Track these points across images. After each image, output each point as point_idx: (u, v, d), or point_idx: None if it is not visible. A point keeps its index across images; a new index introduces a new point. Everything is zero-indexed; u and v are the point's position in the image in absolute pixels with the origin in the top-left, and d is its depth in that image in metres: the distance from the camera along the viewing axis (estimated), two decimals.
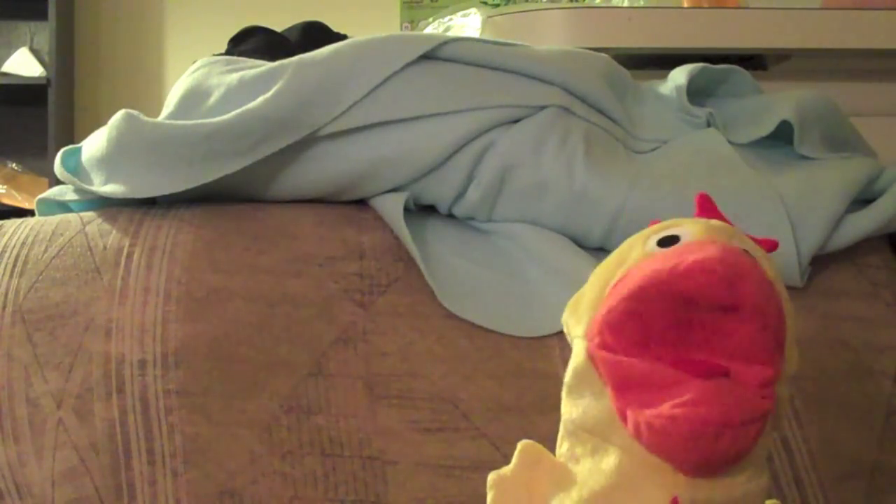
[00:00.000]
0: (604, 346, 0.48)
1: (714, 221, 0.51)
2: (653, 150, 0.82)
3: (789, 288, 0.75)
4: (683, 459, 0.45)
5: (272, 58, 0.80)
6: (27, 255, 0.74)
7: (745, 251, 0.48)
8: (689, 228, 0.50)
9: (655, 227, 0.52)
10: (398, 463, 0.67)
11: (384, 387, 0.69)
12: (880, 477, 0.71)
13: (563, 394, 0.52)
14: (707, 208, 0.54)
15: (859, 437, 0.72)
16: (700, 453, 0.44)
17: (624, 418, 0.46)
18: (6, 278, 0.73)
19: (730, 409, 0.44)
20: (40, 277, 0.72)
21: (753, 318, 0.45)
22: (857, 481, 0.71)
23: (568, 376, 0.51)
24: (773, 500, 0.53)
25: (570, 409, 0.51)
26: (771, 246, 0.54)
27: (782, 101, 0.83)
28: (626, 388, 0.46)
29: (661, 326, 0.46)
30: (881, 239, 0.81)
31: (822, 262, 0.77)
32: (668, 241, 0.50)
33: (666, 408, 0.44)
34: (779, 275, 0.51)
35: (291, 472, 0.66)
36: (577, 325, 0.52)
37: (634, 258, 0.50)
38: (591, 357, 0.49)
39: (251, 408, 0.67)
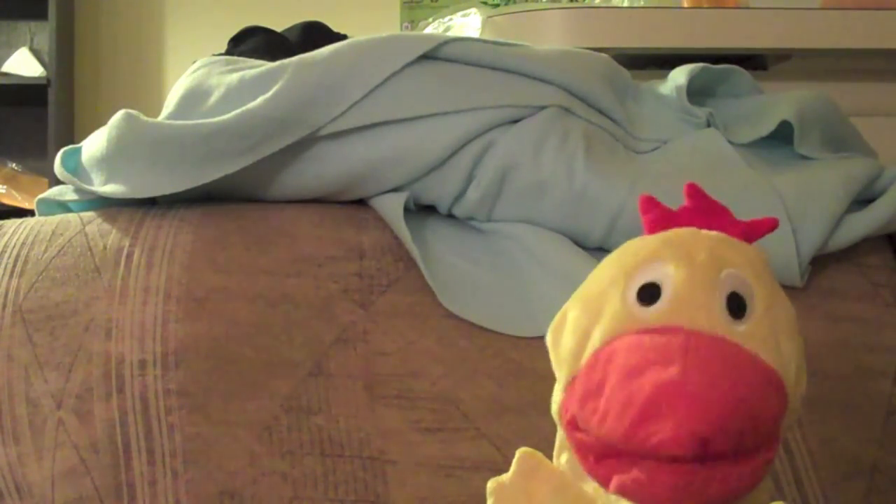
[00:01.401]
0: (575, 428, 0.47)
1: (700, 257, 0.48)
2: (653, 150, 0.82)
3: (789, 288, 0.75)
4: None
5: (272, 58, 0.80)
6: (27, 255, 0.74)
7: (721, 348, 0.45)
8: (672, 273, 0.47)
9: (638, 256, 0.50)
10: (398, 463, 0.67)
11: (384, 387, 0.69)
12: (880, 477, 0.71)
13: (554, 417, 0.52)
14: (697, 198, 0.52)
15: (859, 437, 0.72)
16: (690, 500, 0.44)
17: (606, 484, 0.46)
18: (6, 278, 0.73)
19: (708, 478, 0.44)
20: (40, 277, 0.72)
21: (736, 449, 0.44)
22: (857, 481, 0.71)
23: (553, 408, 0.51)
24: (779, 503, 0.52)
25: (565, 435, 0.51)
26: (769, 225, 0.52)
27: (782, 101, 0.83)
28: (604, 461, 0.46)
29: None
30: (881, 239, 0.80)
31: (822, 262, 0.77)
32: (649, 295, 0.48)
33: (650, 461, 0.44)
34: (775, 285, 0.50)
35: (291, 472, 0.66)
36: (557, 367, 0.51)
37: (612, 312, 0.48)
38: (564, 430, 0.49)
39: (251, 408, 0.67)
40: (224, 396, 0.67)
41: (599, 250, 0.77)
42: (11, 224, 0.78)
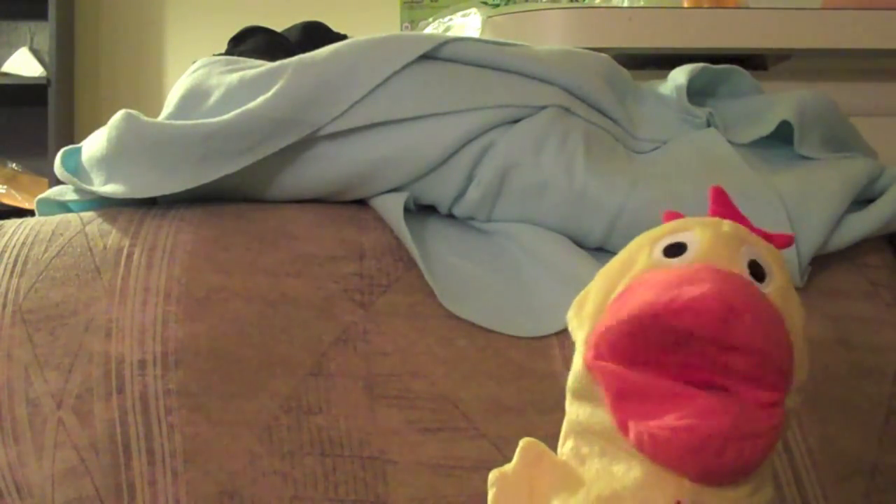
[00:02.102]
0: (601, 358, 0.47)
1: (724, 226, 0.50)
2: (653, 150, 0.82)
3: None
4: (688, 468, 0.44)
5: (272, 58, 0.80)
6: (27, 255, 0.74)
7: (745, 281, 0.47)
8: (698, 236, 0.49)
9: (664, 228, 0.51)
10: (398, 463, 0.67)
11: (384, 387, 0.69)
12: (880, 477, 0.71)
13: (568, 395, 0.52)
14: (721, 203, 0.53)
15: (859, 437, 0.72)
16: (704, 465, 0.44)
17: (624, 429, 0.46)
18: (6, 278, 0.73)
19: (737, 421, 0.43)
20: (40, 277, 0.72)
21: (752, 355, 0.44)
22: (857, 481, 0.71)
23: (570, 380, 0.51)
24: None
25: (576, 410, 0.51)
26: (785, 241, 0.53)
27: (782, 101, 0.83)
28: (625, 399, 0.46)
29: (658, 351, 0.46)
30: (881, 239, 0.81)
31: (822, 262, 0.77)
32: (674, 250, 0.49)
33: (670, 419, 0.44)
34: (789, 277, 0.50)
35: (291, 472, 0.66)
36: (580, 328, 0.52)
37: (640, 266, 0.50)
38: (589, 367, 0.49)
39: (251, 408, 0.67)
40: (224, 396, 0.67)
41: (599, 250, 0.77)
42: (11, 224, 0.78)
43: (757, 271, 0.48)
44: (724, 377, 0.45)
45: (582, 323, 0.51)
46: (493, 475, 0.51)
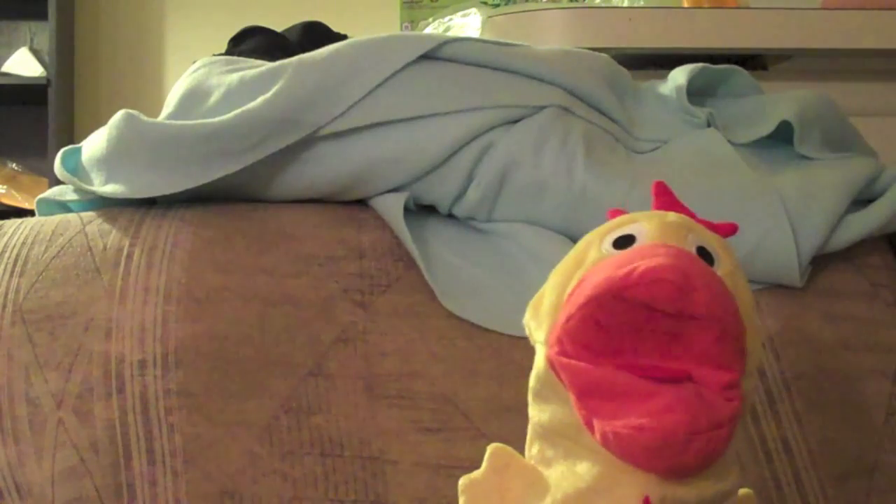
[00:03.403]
0: (564, 353, 0.47)
1: (670, 216, 0.50)
2: (653, 150, 0.82)
3: (789, 288, 0.75)
4: (654, 466, 0.45)
5: (272, 58, 0.80)
6: (27, 255, 0.74)
7: (697, 257, 0.47)
8: (645, 226, 0.50)
9: (612, 223, 0.52)
10: (398, 463, 0.67)
11: (384, 387, 0.69)
12: (880, 477, 0.71)
13: (529, 398, 0.52)
14: (664, 196, 0.53)
15: (859, 437, 0.72)
16: (670, 461, 0.44)
17: (590, 426, 0.46)
18: (6, 278, 0.73)
19: (697, 415, 0.44)
20: (40, 277, 0.72)
21: (710, 325, 0.45)
22: (857, 481, 0.71)
23: (532, 381, 0.51)
24: (746, 490, 0.53)
25: (538, 413, 0.51)
26: (729, 230, 0.53)
27: (782, 101, 0.83)
28: (589, 397, 0.46)
29: (619, 333, 0.46)
30: (881, 239, 0.80)
31: (822, 262, 0.77)
32: (623, 242, 0.49)
33: (633, 417, 0.44)
34: (737, 264, 0.51)
35: (291, 472, 0.66)
36: (538, 329, 0.52)
37: (591, 260, 0.50)
38: (551, 365, 0.49)
39: (251, 408, 0.67)
40: (224, 396, 0.67)
41: None
42: (11, 224, 0.78)
43: (705, 256, 0.49)
44: (684, 360, 0.45)
45: (540, 323, 0.52)
46: (462, 482, 0.51)
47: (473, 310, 0.73)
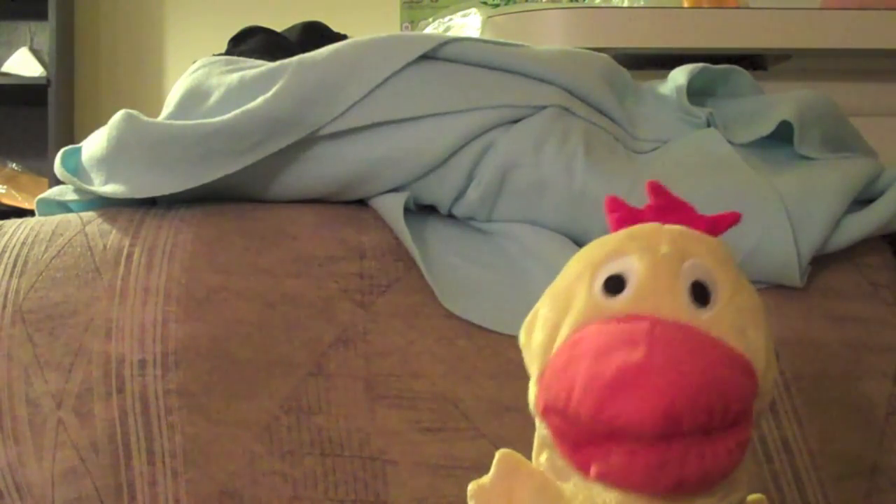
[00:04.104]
0: (550, 415, 0.48)
1: (663, 248, 0.49)
2: (653, 150, 0.82)
3: (789, 288, 0.75)
4: (655, 488, 0.45)
5: (272, 58, 0.80)
6: (27, 255, 0.74)
7: (688, 336, 0.46)
8: (636, 265, 0.48)
9: (604, 250, 0.50)
10: (398, 463, 0.67)
11: (384, 387, 0.69)
12: (880, 477, 0.71)
13: (532, 411, 0.52)
14: (661, 198, 0.53)
15: (859, 437, 0.72)
16: (669, 480, 0.44)
17: (586, 472, 0.46)
18: (6, 278, 0.73)
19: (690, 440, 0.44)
20: (40, 277, 0.72)
21: (701, 431, 0.44)
22: (857, 481, 0.71)
23: (531, 401, 0.51)
24: (758, 495, 0.53)
25: (542, 427, 0.51)
26: (730, 220, 0.53)
27: (782, 101, 0.83)
28: (580, 449, 0.47)
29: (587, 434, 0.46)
30: (881, 239, 0.80)
31: (822, 262, 0.77)
32: (613, 284, 0.48)
33: (624, 443, 0.44)
34: (737, 275, 0.50)
35: (291, 472, 0.66)
36: (531, 362, 0.52)
37: (580, 305, 0.49)
38: (538, 412, 0.49)
39: (251, 408, 0.67)
40: (224, 396, 0.67)
41: None
42: (11, 224, 0.78)
43: (700, 291, 0.47)
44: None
45: (532, 357, 0.51)
46: (471, 487, 0.51)
47: (473, 310, 0.73)
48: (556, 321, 0.50)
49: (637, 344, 0.45)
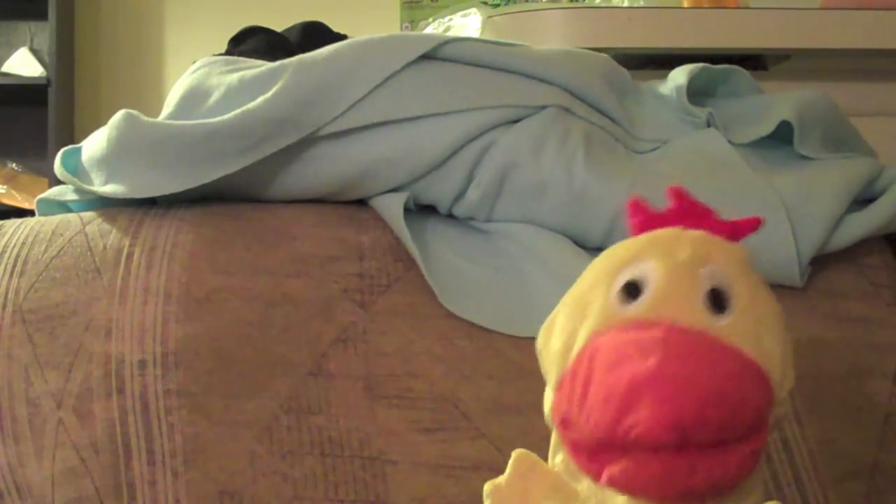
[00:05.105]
0: (567, 428, 0.48)
1: (681, 254, 0.49)
2: (653, 150, 0.82)
3: (789, 288, 0.75)
4: (664, 494, 0.45)
5: (272, 58, 0.80)
6: (27, 255, 0.74)
7: (704, 346, 0.46)
8: (654, 269, 0.48)
9: (623, 256, 0.50)
10: (398, 463, 0.67)
11: (384, 387, 0.69)
12: (880, 477, 0.71)
13: (548, 418, 0.52)
14: (681, 200, 0.53)
15: (859, 437, 0.72)
16: (678, 488, 0.44)
17: (596, 477, 0.47)
18: (6, 278, 0.73)
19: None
20: (40, 277, 0.72)
21: (716, 443, 0.44)
22: (857, 481, 0.71)
23: (545, 411, 0.51)
24: (774, 502, 0.53)
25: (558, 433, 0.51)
26: (751, 226, 0.52)
27: (782, 101, 0.83)
28: (592, 460, 0.47)
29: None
30: (881, 239, 0.80)
31: (822, 262, 0.77)
32: (630, 290, 0.48)
33: (636, 452, 0.44)
34: (756, 282, 0.50)
35: (291, 472, 0.66)
36: (549, 369, 0.52)
37: (598, 311, 0.49)
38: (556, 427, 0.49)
39: (251, 408, 0.67)
40: (224, 396, 0.67)
41: (599, 250, 0.76)
42: (11, 224, 0.78)
43: (717, 298, 0.47)
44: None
45: (550, 364, 0.51)
46: (487, 487, 0.51)
47: (473, 310, 0.73)
48: (574, 327, 0.50)
49: (650, 353, 0.45)
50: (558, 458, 0.51)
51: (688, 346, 0.45)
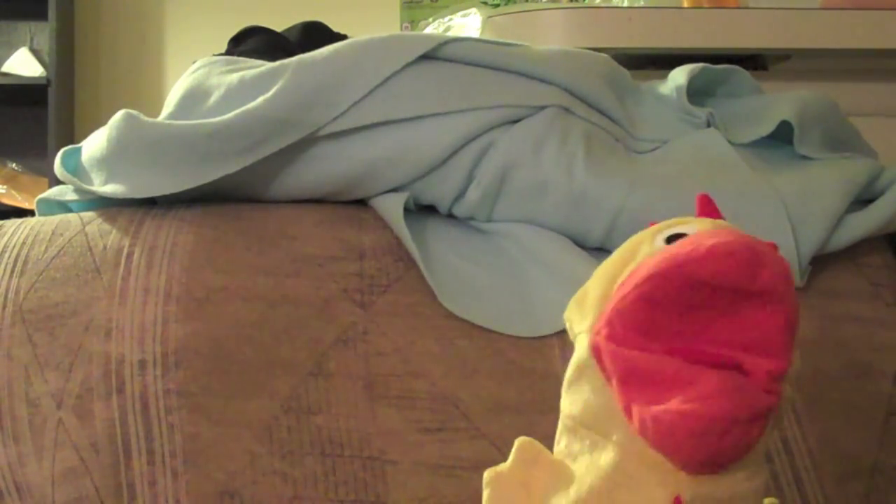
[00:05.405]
0: (611, 337, 0.46)
1: (721, 222, 0.50)
2: (653, 150, 0.82)
3: None
4: (688, 456, 0.44)
5: (272, 58, 0.80)
6: (27, 255, 0.74)
7: (761, 240, 0.47)
8: (698, 227, 0.49)
9: (663, 224, 0.51)
10: (398, 463, 0.67)
11: (384, 387, 0.69)
12: (880, 477, 0.71)
13: (563, 389, 0.51)
14: (708, 210, 0.53)
15: (859, 437, 0.72)
16: (706, 450, 0.43)
17: (629, 413, 0.46)
18: (6, 278, 0.73)
19: (738, 404, 0.43)
20: (40, 277, 0.72)
21: (774, 306, 0.43)
22: (857, 481, 0.71)
23: (569, 371, 0.51)
24: (772, 499, 0.53)
25: (570, 404, 0.51)
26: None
27: (782, 101, 0.83)
28: (632, 382, 0.45)
29: (673, 313, 0.44)
30: (881, 239, 0.81)
31: (822, 262, 0.77)
32: (676, 239, 0.49)
33: (674, 403, 0.43)
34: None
35: (291, 472, 0.66)
36: (582, 320, 0.51)
37: (644, 254, 0.49)
38: (595, 350, 0.48)
39: (251, 408, 0.67)
40: (224, 396, 0.67)
41: (599, 250, 0.77)
42: (11, 224, 0.78)
43: None
44: (735, 343, 0.44)
45: (584, 314, 0.51)
46: (487, 474, 0.51)
47: (473, 310, 0.73)
48: (613, 278, 0.49)
49: (722, 234, 0.45)
50: (562, 442, 0.51)
51: (757, 239, 0.45)
